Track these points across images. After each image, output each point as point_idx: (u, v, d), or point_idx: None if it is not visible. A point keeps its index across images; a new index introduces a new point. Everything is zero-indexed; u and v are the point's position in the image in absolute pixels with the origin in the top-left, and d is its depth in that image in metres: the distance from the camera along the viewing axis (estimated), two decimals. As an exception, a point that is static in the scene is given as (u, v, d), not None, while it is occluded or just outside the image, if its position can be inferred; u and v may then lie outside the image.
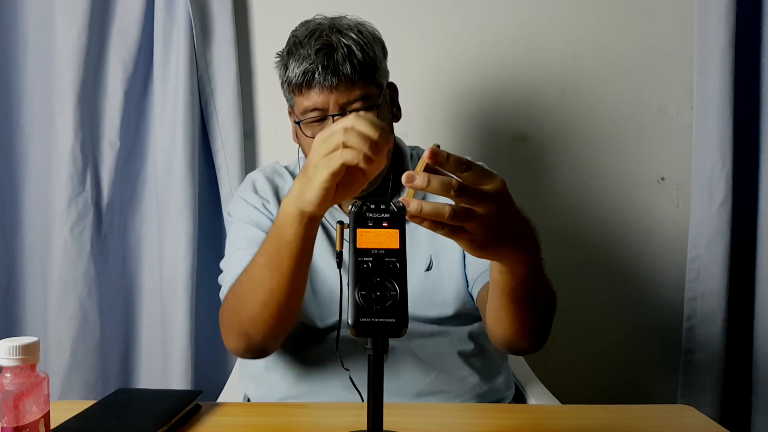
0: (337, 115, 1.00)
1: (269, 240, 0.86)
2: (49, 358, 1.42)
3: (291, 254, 0.83)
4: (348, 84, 1.00)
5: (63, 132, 1.42)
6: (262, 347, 0.96)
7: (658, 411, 0.89)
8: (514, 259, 0.75)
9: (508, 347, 0.97)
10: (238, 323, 0.93)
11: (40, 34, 1.47)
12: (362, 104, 1.01)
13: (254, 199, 1.10)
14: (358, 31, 1.03)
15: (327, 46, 0.99)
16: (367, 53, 1.02)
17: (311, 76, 0.99)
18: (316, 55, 0.99)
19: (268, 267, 0.86)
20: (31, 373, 0.62)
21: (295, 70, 1.00)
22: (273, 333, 0.92)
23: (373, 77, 1.03)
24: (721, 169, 1.48)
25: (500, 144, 1.57)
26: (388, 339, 0.60)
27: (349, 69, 0.99)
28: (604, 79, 1.57)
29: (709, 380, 1.50)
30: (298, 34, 1.04)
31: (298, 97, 1.03)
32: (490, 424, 0.86)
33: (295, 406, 0.96)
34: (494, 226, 0.68)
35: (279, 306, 0.87)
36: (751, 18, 1.49)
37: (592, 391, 1.60)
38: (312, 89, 1.00)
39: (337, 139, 0.75)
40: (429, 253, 1.06)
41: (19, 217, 1.50)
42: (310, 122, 1.03)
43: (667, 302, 1.60)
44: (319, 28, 1.02)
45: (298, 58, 1.01)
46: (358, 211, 0.63)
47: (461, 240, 0.69)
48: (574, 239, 1.59)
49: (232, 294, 0.96)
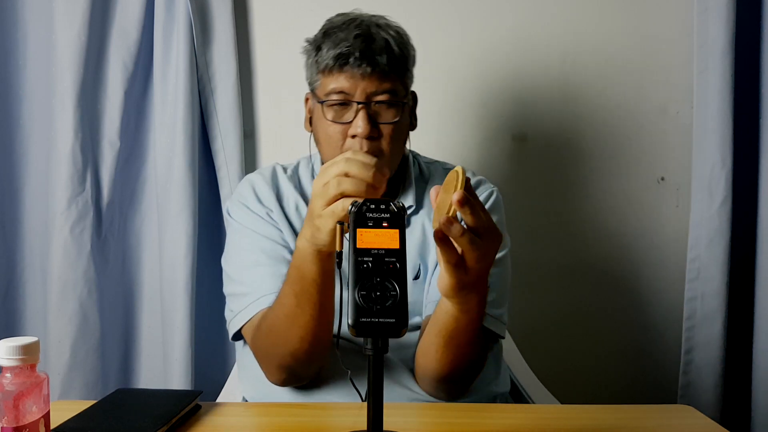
0: (361, 104, 0.99)
1: (293, 281, 0.87)
2: (49, 358, 1.42)
3: (317, 288, 0.85)
4: (380, 75, 0.99)
5: (63, 132, 1.42)
6: (305, 374, 0.98)
7: (658, 411, 0.89)
8: (473, 301, 0.81)
9: (427, 381, 0.97)
10: (279, 359, 0.94)
11: (40, 34, 1.47)
12: (388, 98, 1.00)
13: (258, 208, 1.08)
14: (396, 30, 1.04)
15: (366, 34, 1.00)
16: (403, 51, 1.03)
17: (345, 60, 0.98)
18: (354, 39, 0.98)
19: (298, 305, 0.87)
20: (31, 373, 0.62)
21: (330, 51, 0.99)
22: (315, 360, 0.95)
23: (404, 75, 1.04)
24: (721, 169, 1.48)
25: (500, 144, 1.57)
26: (388, 339, 0.60)
27: (385, 60, 0.99)
28: (604, 79, 1.57)
29: (709, 380, 1.50)
30: (335, 21, 1.04)
31: (326, 78, 1.01)
32: (490, 424, 0.86)
33: (295, 406, 0.96)
34: (483, 263, 0.74)
35: (315, 336, 0.89)
36: (751, 18, 1.48)
37: (592, 391, 1.60)
38: (343, 72, 0.99)
39: (333, 190, 0.76)
40: (418, 261, 1.06)
41: (19, 217, 1.50)
42: (332, 104, 1.01)
43: (667, 302, 1.60)
44: (359, 18, 1.03)
45: (335, 41, 1.00)
46: (358, 211, 0.64)
47: (455, 272, 0.74)
48: (574, 239, 1.59)
49: (266, 332, 0.95)
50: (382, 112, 1.01)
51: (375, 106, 1.00)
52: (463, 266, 0.74)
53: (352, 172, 0.75)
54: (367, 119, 0.99)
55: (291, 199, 1.10)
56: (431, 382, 0.96)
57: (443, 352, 0.89)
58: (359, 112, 0.99)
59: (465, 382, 0.96)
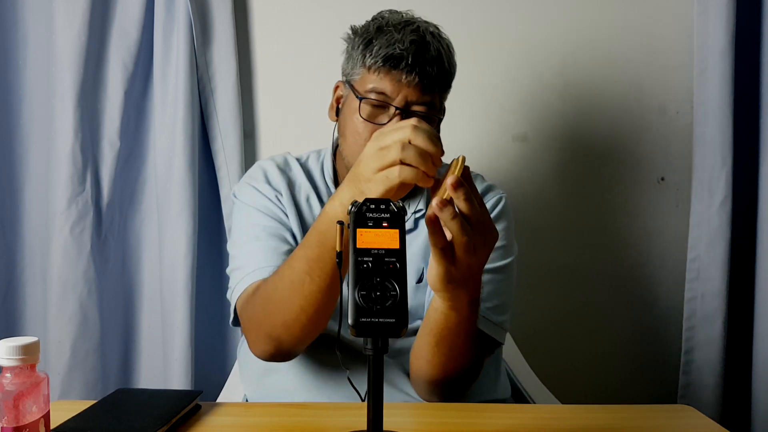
0: (399, 110, 0.97)
1: (309, 245, 0.85)
2: (49, 358, 1.42)
3: (335, 259, 0.83)
4: (425, 86, 0.97)
5: (63, 132, 1.42)
6: (291, 351, 0.95)
7: (658, 411, 0.89)
8: (463, 299, 0.80)
9: (421, 384, 0.96)
10: (270, 328, 0.91)
11: (40, 34, 1.47)
12: (425, 110, 0.98)
13: (267, 189, 1.06)
14: (447, 44, 1.02)
15: (422, 41, 0.97)
16: (451, 67, 1.02)
17: (396, 63, 0.96)
18: (410, 44, 0.96)
19: (309, 272, 0.84)
20: (31, 373, 0.62)
21: (383, 49, 0.96)
22: (306, 337, 0.92)
23: (445, 90, 1.03)
24: (721, 169, 1.48)
25: (500, 144, 1.57)
26: (388, 339, 0.60)
27: (434, 72, 0.97)
28: (604, 79, 1.57)
29: (709, 380, 1.50)
30: (390, 18, 1.00)
31: (369, 75, 0.98)
32: (490, 424, 0.86)
33: (295, 406, 0.95)
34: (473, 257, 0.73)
35: (317, 310, 0.87)
36: (751, 18, 1.48)
37: (592, 391, 1.60)
38: (389, 74, 0.97)
39: (394, 154, 0.74)
40: (421, 265, 1.04)
41: (19, 217, 1.50)
42: (369, 103, 0.99)
43: (667, 302, 1.60)
44: (416, 22, 1.00)
45: (390, 39, 0.96)
46: (358, 211, 0.63)
47: (443, 261, 0.72)
48: (574, 239, 1.59)
49: (262, 299, 0.93)
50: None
51: (410, 113, 0.98)
52: (452, 255, 0.72)
53: (417, 142, 0.73)
54: None
55: (303, 189, 1.08)
56: (425, 386, 0.95)
57: (435, 353, 0.88)
58: (394, 117, 0.97)
59: (459, 388, 0.95)
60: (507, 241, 1.06)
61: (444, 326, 0.84)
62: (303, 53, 1.56)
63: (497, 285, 1.02)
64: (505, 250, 1.05)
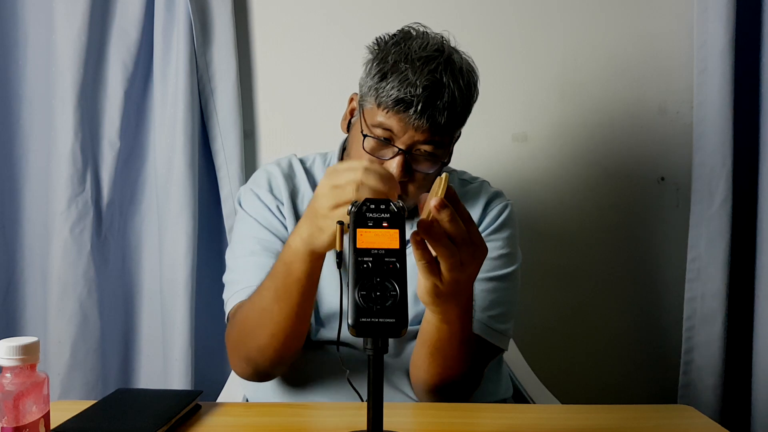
0: (402, 151, 0.96)
1: (276, 275, 0.86)
2: (49, 358, 1.42)
3: (300, 289, 0.84)
4: (433, 131, 0.96)
5: (63, 132, 1.42)
6: (268, 373, 0.98)
7: (658, 411, 0.89)
8: (454, 312, 0.80)
9: (420, 390, 0.97)
10: (246, 351, 0.94)
11: (40, 34, 1.47)
12: (431, 149, 0.97)
13: (269, 199, 1.07)
14: (468, 73, 0.99)
15: (436, 85, 0.94)
16: (464, 109, 0.99)
17: (407, 107, 0.94)
18: (422, 90, 0.93)
19: (276, 300, 0.86)
20: (31, 373, 0.62)
21: (393, 91, 0.94)
22: (281, 361, 0.94)
23: (456, 128, 1.01)
24: (721, 169, 1.48)
25: (500, 144, 1.57)
26: (388, 339, 0.60)
27: (444, 119, 0.95)
28: (604, 79, 1.57)
29: (709, 380, 1.50)
30: (414, 47, 0.96)
31: (378, 111, 0.97)
32: (490, 424, 0.86)
33: (295, 406, 0.95)
34: (461, 274, 0.72)
35: (287, 336, 0.89)
36: (751, 18, 1.48)
37: (592, 391, 1.60)
38: (397, 115, 0.95)
39: (348, 194, 0.73)
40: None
41: (19, 217, 1.50)
42: (373, 137, 0.98)
43: (667, 302, 1.60)
44: (436, 57, 0.96)
45: (403, 80, 0.94)
46: (358, 211, 0.63)
47: (430, 276, 0.72)
48: (574, 239, 1.59)
49: (239, 323, 0.95)
50: (421, 160, 0.98)
51: (415, 152, 0.97)
52: (437, 272, 0.72)
53: (370, 184, 0.73)
54: (402, 166, 0.96)
55: (306, 198, 1.08)
56: (423, 393, 0.96)
57: (430, 362, 0.89)
58: (397, 156, 0.97)
59: (459, 394, 0.95)
60: (511, 249, 1.06)
61: (437, 338, 0.85)
62: (303, 53, 1.56)
63: (501, 293, 1.02)
64: (509, 258, 1.05)
